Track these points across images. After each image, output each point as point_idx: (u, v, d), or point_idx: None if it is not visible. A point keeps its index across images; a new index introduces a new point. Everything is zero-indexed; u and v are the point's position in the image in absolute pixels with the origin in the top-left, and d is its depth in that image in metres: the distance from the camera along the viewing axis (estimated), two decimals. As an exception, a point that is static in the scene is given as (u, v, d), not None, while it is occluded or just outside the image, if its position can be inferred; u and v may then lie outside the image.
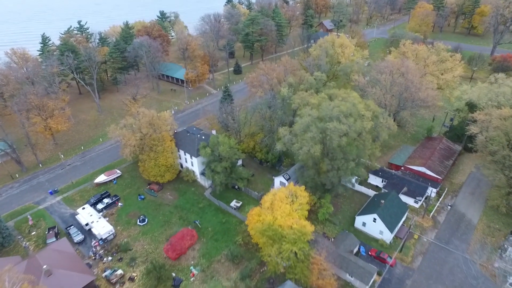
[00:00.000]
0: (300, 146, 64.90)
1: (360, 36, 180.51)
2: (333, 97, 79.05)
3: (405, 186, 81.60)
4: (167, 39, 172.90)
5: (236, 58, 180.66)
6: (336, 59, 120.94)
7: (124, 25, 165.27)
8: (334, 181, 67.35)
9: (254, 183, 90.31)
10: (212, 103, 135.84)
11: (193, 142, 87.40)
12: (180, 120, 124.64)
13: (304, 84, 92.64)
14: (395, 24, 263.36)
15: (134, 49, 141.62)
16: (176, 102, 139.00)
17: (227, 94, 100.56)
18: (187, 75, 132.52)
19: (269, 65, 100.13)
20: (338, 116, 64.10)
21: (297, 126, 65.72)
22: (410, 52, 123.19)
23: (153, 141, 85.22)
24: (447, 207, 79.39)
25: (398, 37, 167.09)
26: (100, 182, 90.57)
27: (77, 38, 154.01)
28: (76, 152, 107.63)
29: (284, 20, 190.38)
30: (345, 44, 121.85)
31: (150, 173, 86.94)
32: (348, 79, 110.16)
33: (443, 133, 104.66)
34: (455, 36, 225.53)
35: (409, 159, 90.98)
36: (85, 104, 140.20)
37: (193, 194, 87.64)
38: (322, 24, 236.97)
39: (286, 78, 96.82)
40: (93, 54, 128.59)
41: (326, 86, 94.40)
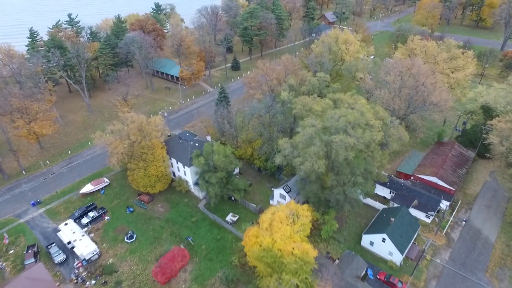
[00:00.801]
0: (302, 160, 58.24)
1: (364, 29, 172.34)
2: (338, 102, 72.05)
3: (416, 199, 75.18)
4: (162, 33, 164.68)
5: (234, 54, 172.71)
6: (340, 56, 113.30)
7: (116, 18, 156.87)
8: (339, 198, 60.89)
9: (252, 194, 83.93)
10: (209, 103, 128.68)
11: (186, 150, 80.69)
12: (174, 121, 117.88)
13: (306, 85, 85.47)
14: (400, 16, 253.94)
15: (126, 44, 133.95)
16: (170, 102, 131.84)
17: (223, 95, 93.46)
18: (182, 73, 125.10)
19: (268, 64, 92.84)
20: (344, 127, 57.25)
21: (299, 138, 58.94)
22: (418, 49, 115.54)
23: (142, 149, 78.52)
24: (461, 222, 73.07)
25: (405, 31, 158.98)
26: (87, 192, 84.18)
27: (66, 33, 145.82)
28: (63, 157, 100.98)
29: (285, 13, 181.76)
30: (350, 40, 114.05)
31: (139, 183, 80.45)
32: (353, 78, 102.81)
33: (454, 138, 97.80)
34: (462, 29, 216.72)
35: (419, 168, 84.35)
36: (74, 103, 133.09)
37: (186, 206, 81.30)
38: (324, 17, 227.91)
39: (287, 79, 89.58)
40: (82, 50, 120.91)
41: (330, 87, 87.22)
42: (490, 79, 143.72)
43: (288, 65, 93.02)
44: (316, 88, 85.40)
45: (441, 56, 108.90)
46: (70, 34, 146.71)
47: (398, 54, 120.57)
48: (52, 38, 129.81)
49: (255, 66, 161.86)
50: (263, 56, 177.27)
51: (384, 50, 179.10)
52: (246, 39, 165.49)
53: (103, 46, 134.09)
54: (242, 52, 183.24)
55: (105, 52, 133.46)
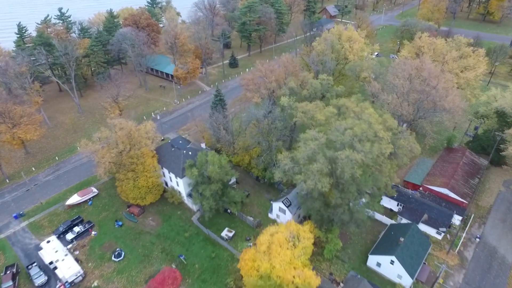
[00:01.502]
0: (304, 178, 52.70)
1: (367, 24, 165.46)
2: (343, 109, 66.18)
3: (425, 213, 69.82)
4: (157, 28, 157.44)
5: (232, 50, 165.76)
6: (343, 55, 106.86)
7: (108, 13, 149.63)
8: (344, 218, 55.46)
9: (249, 205, 78.55)
10: (205, 103, 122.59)
11: (178, 160, 75.04)
12: (168, 123, 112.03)
13: (308, 89, 79.48)
14: (404, 9, 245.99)
15: (117, 41, 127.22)
16: (165, 102, 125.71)
17: (218, 98, 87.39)
18: (177, 72, 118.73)
19: (267, 65, 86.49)
20: (351, 141, 51.55)
21: (301, 153, 53.27)
22: (426, 47, 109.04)
23: (131, 158, 72.88)
24: (474, 239, 67.81)
25: (410, 26, 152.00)
26: (73, 204, 78.81)
27: (55, 28, 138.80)
28: (49, 164, 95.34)
29: (285, 7, 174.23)
30: (354, 37, 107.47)
31: (128, 195, 75.00)
32: (357, 79, 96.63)
33: (465, 143, 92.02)
34: (469, 23, 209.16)
35: (428, 177, 78.86)
36: (64, 104, 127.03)
37: (179, 219, 75.96)
38: (325, 10, 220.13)
39: (287, 81, 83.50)
40: (71, 48, 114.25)
41: (333, 90, 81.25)
42: (499, 78, 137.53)
43: (288, 65, 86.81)
44: (319, 92, 79.47)
45: (450, 54, 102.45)
46: (59, 30, 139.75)
47: (404, 52, 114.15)
48: (40, 35, 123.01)
49: (254, 63, 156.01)
50: (262, 52, 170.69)
51: (388, 46, 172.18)
52: (244, 34, 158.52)
53: (94, 43, 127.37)
54: (240, 48, 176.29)
55: (95, 50, 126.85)
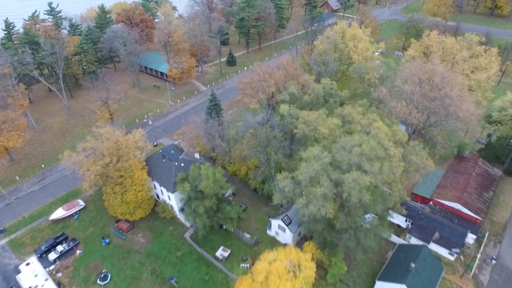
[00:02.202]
0: (306, 202, 47.24)
1: (371, 19, 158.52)
2: (348, 118, 60.40)
3: (437, 231, 64.54)
4: (151, 24, 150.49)
5: (229, 47, 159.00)
6: (347, 54, 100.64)
7: (99, 8, 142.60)
8: (350, 245, 50.17)
9: (246, 220, 73.25)
10: (201, 104, 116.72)
11: (169, 172, 69.49)
12: (162, 127, 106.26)
13: (310, 94, 73.60)
14: (408, 3, 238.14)
15: (109, 39, 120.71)
16: (158, 103, 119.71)
17: (214, 103, 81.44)
18: (171, 72, 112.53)
19: (266, 67, 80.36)
20: (359, 162, 45.97)
21: (302, 175, 47.70)
22: (435, 46, 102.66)
23: (119, 171, 67.38)
24: (490, 261, 62.63)
25: (417, 22, 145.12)
26: (58, 218, 73.51)
27: (42, 25, 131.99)
28: (35, 172, 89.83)
29: (285, 1, 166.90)
30: (358, 36, 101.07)
31: (116, 210, 69.68)
32: (362, 81, 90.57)
33: (476, 151, 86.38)
34: (476, 17, 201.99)
35: (439, 190, 73.41)
36: (54, 105, 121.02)
37: (170, 235, 70.74)
38: (327, 4, 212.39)
39: (287, 85, 77.55)
40: (59, 46, 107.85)
41: (337, 95, 75.45)
42: (511, 77, 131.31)
43: (288, 68, 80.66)
44: (321, 97, 73.59)
45: (461, 54, 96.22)
46: (48, 27, 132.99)
47: (411, 51, 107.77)
48: (26, 32, 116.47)
49: (253, 61, 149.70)
50: (262, 49, 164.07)
51: (392, 42, 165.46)
52: (242, 31, 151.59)
53: (84, 41, 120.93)
54: (238, 44, 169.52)
55: (86, 48, 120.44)
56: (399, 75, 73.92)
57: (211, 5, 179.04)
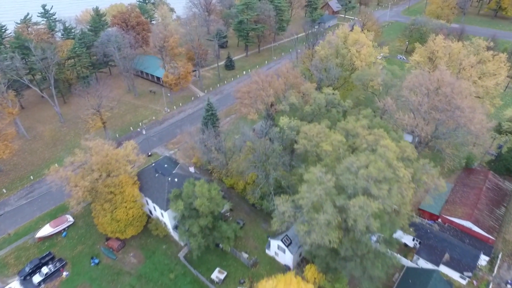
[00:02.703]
0: (308, 230, 43.30)
1: (373, 22, 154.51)
2: (351, 132, 56.43)
3: (447, 251, 60.55)
4: (148, 27, 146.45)
5: (228, 51, 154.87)
6: (349, 60, 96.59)
7: (94, 11, 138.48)
8: (355, 274, 46.24)
9: (244, 238, 69.23)
10: (198, 111, 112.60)
11: (162, 188, 65.52)
12: (157, 136, 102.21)
13: (311, 104, 69.62)
14: (410, 4, 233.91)
15: (102, 43, 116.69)
16: (154, 110, 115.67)
17: (210, 113, 77.42)
18: (167, 78, 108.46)
19: (264, 75, 76.25)
20: (366, 186, 42.00)
21: (304, 199, 43.72)
22: (441, 51, 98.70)
23: (108, 188, 63.40)
24: (505, 286, 58.64)
25: (420, 25, 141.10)
26: (45, 236, 69.51)
27: (35, 28, 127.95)
28: (23, 184, 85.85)
29: (285, 3, 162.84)
30: (361, 41, 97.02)
31: (106, 228, 65.79)
32: (365, 88, 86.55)
33: (486, 163, 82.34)
34: (479, 19, 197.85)
35: (448, 205, 69.41)
36: (46, 111, 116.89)
37: (163, 255, 66.75)
38: (327, 5, 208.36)
39: (287, 95, 73.54)
40: (51, 51, 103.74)
41: (339, 105, 71.54)
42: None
43: (288, 76, 76.61)
44: (323, 108, 69.61)
45: (468, 60, 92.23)
46: (40, 31, 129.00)
47: (416, 56, 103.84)
48: (17, 36, 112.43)
49: (252, 65, 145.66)
50: (261, 52, 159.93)
51: (395, 45, 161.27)
52: (241, 34, 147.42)
53: (77, 45, 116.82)
54: (237, 47, 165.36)
55: (79, 52, 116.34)
56: (405, 84, 69.86)
57: (209, 7, 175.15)
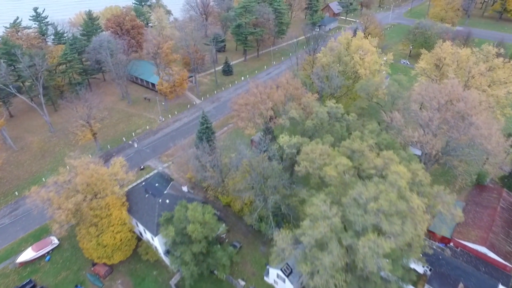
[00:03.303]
0: (312, 271, 38.55)
1: (376, 25, 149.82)
2: (357, 153, 51.62)
3: (461, 281, 55.73)
4: (143, 31, 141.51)
5: (226, 55, 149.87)
6: (352, 68, 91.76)
7: (86, 14, 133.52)
8: (364, 316, 41.50)
9: (241, 263, 64.33)
10: (194, 120, 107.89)
11: (153, 211, 60.70)
12: (151, 147, 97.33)
13: (313, 119, 64.83)
14: (412, 5, 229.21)
15: (94, 49, 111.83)
16: (148, 118, 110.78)
17: (205, 127, 72.46)
18: (161, 86, 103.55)
19: (262, 87, 71.20)
20: (376, 221, 37.24)
21: (307, 237, 38.92)
22: (449, 58, 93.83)
23: (93, 211, 58.58)
24: (525, 320, 53.94)
25: (424, 29, 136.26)
26: (26, 261, 64.66)
27: (25, 33, 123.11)
28: (7, 201, 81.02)
29: (285, 5, 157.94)
30: (365, 47, 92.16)
31: (92, 254, 60.95)
32: (370, 99, 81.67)
33: (498, 179, 77.45)
34: (484, 21, 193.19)
35: (460, 228, 64.55)
36: (36, 120, 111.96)
37: (154, 282, 61.91)
38: (328, 7, 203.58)
39: (287, 107, 68.72)
40: (39, 58, 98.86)
41: (343, 119, 66.80)
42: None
43: (288, 87, 71.69)
44: (326, 123, 64.82)
45: (477, 68, 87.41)
46: (31, 35, 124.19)
47: (422, 63, 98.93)
48: (4, 42, 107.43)
49: (251, 70, 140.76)
50: (260, 56, 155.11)
51: (398, 49, 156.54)
52: (239, 38, 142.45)
53: (67, 50, 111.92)
54: (236, 51, 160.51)
55: (69, 59, 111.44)
56: (414, 97, 64.94)
57: (207, 9, 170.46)
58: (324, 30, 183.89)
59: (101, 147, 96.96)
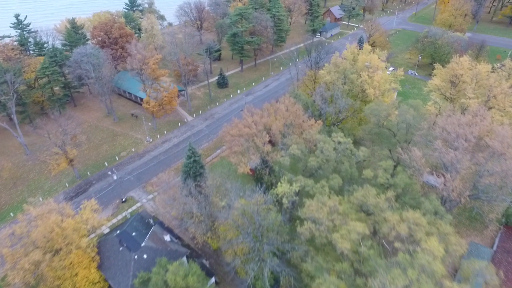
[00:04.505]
0: None
1: (381, 33, 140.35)
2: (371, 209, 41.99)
3: None
4: (132, 39, 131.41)
5: (222, 64, 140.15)
6: (359, 87, 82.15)
7: (69, 23, 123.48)
8: None
9: (233, 327, 54.87)
10: (185, 140, 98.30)
11: (127, 269, 50.90)
12: (135, 173, 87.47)
13: (317, 156, 55.13)
14: (417, 9, 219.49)
15: (75, 62, 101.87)
16: (135, 138, 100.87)
17: (192, 160, 62.48)
18: (148, 105, 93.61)
19: (259, 116, 61.05)
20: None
21: None
22: (467, 76, 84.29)
23: (54, 271, 48.88)
24: None
25: (434, 38, 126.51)
26: (-20, 323, 55.04)
27: (1, 44, 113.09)
28: (-32, 241, 71.04)
29: (284, 11, 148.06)
30: (373, 62, 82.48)
31: (55, 320, 51.28)
32: (381, 125, 71.90)
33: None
34: (493, 27, 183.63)
35: (491, 285, 54.84)
36: (11, 140, 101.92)
37: None
38: (329, 12, 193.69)
39: (287, 141, 58.98)
40: (11, 75, 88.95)
41: (353, 158, 57.19)
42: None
43: (289, 116, 61.70)
44: (332, 161, 55.17)
45: (500, 88, 78.00)
46: (8, 46, 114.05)
47: (436, 80, 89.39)
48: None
49: (248, 81, 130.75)
50: (257, 66, 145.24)
51: (404, 58, 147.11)
52: (235, 48, 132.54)
53: (46, 64, 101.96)
54: (232, 59, 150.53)
55: (47, 73, 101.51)
56: (437, 133, 54.88)
57: (202, 15, 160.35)
58: (325, 37, 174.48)
59: (80, 174, 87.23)
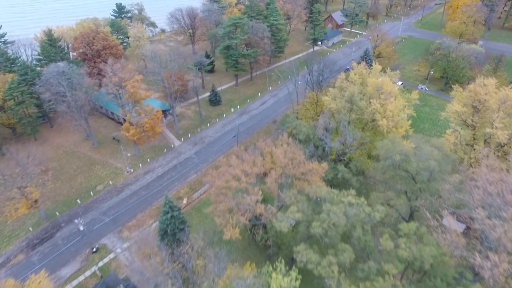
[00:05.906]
0: None
1: (387, 43, 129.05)
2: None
3: None
4: (117, 51, 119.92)
5: (214, 79, 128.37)
6: (370, 115, 70.80)
7: (46, 34, 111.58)
8: None
9: None
10: (169, 172, 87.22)
11: None
12: (111, 213, 76.18)
13: (323, 220, 43.82)
14: (423, 14, 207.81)
15: (47, 82, 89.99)
16: (114, 168, 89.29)
17: (170, 216, 51.02)
18: (127, 132, 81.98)
19: (249, 164, 49.22)
20: None
21: None
22: (492, 101, 72.97)
23: None
24: None
25: (448, 50, 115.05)
26: None
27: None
28: None
29: (282, 20, 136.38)
30: (385, 87, 71.03)
31: None
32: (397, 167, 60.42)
33: None
34: (505, 34, 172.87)
35: None
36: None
37: None
38: (330, 18, 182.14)
39: (286, 198, 47.60)
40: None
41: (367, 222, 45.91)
42: None
43: (287, 164, 50.16)
44: (342, 227, 43.91)
45: (534, 117, 66.84)
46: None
47: (456, 105, 77.90)
48: None
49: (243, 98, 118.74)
50: (254, 79, 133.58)
51: (412, 69, 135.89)
52: (228, 61, 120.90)
53: (15, 84, 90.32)
54: (226, 72, 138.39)
55: (15, 94, 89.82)
56: (477, 198, 43.06)
57: (195, 23, 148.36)
58: (327, 45, 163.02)
59: (48, 214, 75.87)
